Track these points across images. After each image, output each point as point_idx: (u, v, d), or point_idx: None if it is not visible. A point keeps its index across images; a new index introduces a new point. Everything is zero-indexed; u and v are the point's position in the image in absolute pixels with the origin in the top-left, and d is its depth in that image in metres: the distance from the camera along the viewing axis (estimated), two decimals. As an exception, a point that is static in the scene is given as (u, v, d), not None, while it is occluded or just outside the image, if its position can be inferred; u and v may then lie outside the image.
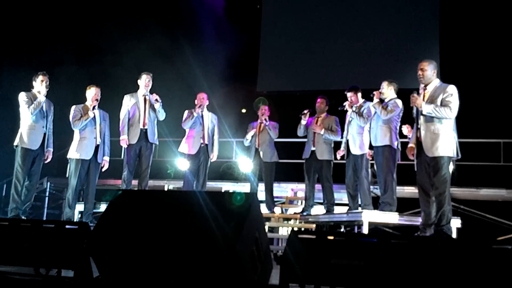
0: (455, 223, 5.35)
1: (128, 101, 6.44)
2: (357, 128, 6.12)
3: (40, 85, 6.05)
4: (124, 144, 6.35)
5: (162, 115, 6.48)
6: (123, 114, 6.43)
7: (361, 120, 6.04)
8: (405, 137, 6.36)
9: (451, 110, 4.49)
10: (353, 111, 6.14)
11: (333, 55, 10.83)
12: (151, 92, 6.46)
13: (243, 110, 6.53)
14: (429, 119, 4.58)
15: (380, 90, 5.90)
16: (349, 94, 6.28)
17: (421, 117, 4.65)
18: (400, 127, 5.98)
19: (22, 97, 6.00)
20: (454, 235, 5.13)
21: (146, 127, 6.38)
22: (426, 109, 4.53)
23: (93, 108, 6.20)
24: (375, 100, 5.80)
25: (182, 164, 6.89)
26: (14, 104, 6.12)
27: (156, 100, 6.35)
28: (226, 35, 10.89)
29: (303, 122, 6.74)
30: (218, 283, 2.53)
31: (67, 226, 2.94)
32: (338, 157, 6.48)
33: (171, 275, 2.61)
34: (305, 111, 6.75)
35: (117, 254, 2.67)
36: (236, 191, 2.70)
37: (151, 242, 2.61)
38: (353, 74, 10.06)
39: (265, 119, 7.05)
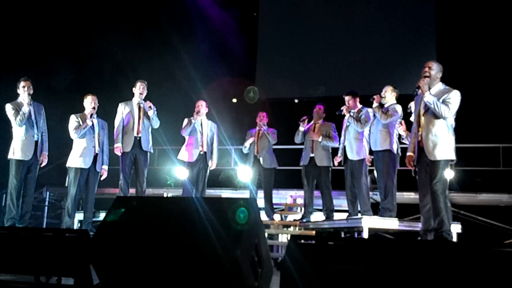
0: (455, 228, 5.34)
1: (122, 109, 6.44)
2: (354, 133, 6.12)
3: (23, 92, 5.99)
4: (118, 152, 6.34)
5: (156, 123, 6.47)
6: (117, 122, 6.42)
7: (358, 125, 6.05)
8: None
9: (449, 110, 4.47)
10: (350, 115, 6.15)
11: (331, 62, 10.88)
12: (147, 100, 6.45)
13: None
14: (430, 121, 4.57)
15: (382, 94, 5.92)
16: (347, 98, 6.29)
17: (423, 119, 4.65)
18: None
19: (8, 109, 5.94)
20: (454, 240, 5.12)
21: (140, 135, 6.36)
22: (428, 97, 4.51)
23: (91, 116, 6.20)
24: (375, 104, 5.81)
25: (181, 173, 6.88)
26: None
27: (150, 107, 6.34)
28: (224, 43, 10.95)
29: (301, 128, 6.76)
30: (218, 289, 2.52)
31: (67, 234, 2.93)
32: (336, 163, 6.48)
33: (171, 282, 2.60)
34: (304, 118, 6.77)
35: (117, 262, 2.66)
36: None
37: (150, 249, 2.60)
38: (350, 81, 10.09)
39: (264, 124, 7.07)
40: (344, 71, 10.65)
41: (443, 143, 4.51)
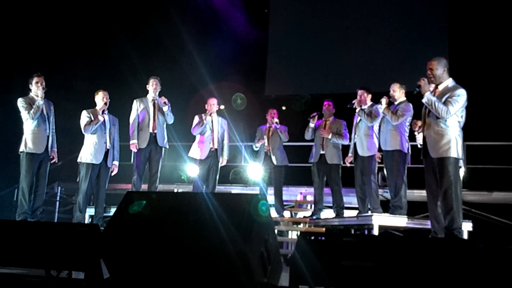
0: (467, 226, 5.30)
1: (137, 106, 6.49)
2: (364, 129, 6.12)
3: (36, 88, 6.01)
4: (134, 149, 6.39)
5: (170, 119, 6.52)
6: (132, 118, 6.47)
7: (368, 119, 6.04)
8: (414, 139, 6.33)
9: (448, 110, 4.40)
10: (361, 109, 6.14)
11: (341, 58, 10.82)
12: (160, 96, 6.50)
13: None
14: (434, 119, 4.53)
15: (391, 93, 5.89)
16: (359, 92, 6.29)
17: (427, 117, 4.62)
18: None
19: (20, 103, 5.97)
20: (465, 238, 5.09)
21: (155, 131, 6.42)
22: (426, 98, 4.49)
23: (103, 112, 6.24)
24: (384, 106, 5.77)
25: (192, 170, 6.91)
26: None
27: (165, 103, 6.38)
28: (234, 40, 10.94)
29: (311, 125, 6.74)
30: (228, 284, 2.53)
31: (77, 228, 2.95)
32: (348, 163, 6.46)
33: (181, 277, 2.61)
34: (314, 114, 6.75)
35: (127, 256, 2.67)
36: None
37: (161, 244, 2.61)
38: (361, 78, 10.03)
39: (276, 123, 7.02)
40: (354, 68, 10.58)
41: (445, 140, 4.46)
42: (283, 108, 10.97)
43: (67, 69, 9.69)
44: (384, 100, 5.80)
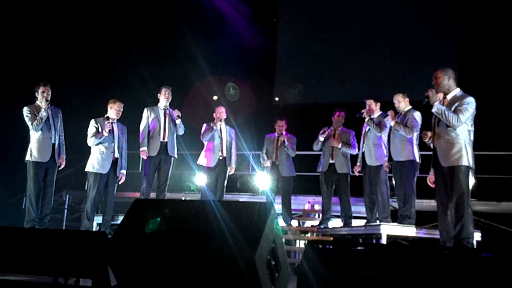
0: (475, 236, 5.25)
1: (148, 114, 6.51)
2: (373, 139, 6.10)
3: (41, 98, 5.99)
4: (144, 156, 6.40)
5: (181, 130, 6.56)
6: (142, 126, 6.49)
7: (377, 129, 6.03)
8: (425, 149, 6.30)
9: (458, 119, 4.41)
10: (370, 118, 6.13)
11: (350, 68, 10.81)
12: (171, 106, 6.53)
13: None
14: (444, 128, 4.53)
15: (396, 104, 5.90)
16: (368, 101, 6.28)
17: (437, 127, 4.61)
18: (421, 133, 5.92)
19: (25, 112, 5.97)
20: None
21: (166, 140, 6.44)
22: (436, 108, 4.49)
23: (110, 123, 6.21)
24: (393, 122, 5.74)
25: (200, 180, 6.91)
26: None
27: (178, 116, 6.42)
28: (243, 49, 10.98)
29: (321, 138, 6.73)
30: (235, 292, 2.52)
31: (85, 236, 2.96)
32: (356, 173, 6.44)
33: (189, 285, 2.61)
34: (324, 129, 6.75)
35: (134, 263, 2.68)
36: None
37: (168, 251, 2.61)
38: (369, 87, 10.01)
39: (284, 141, 7.00)
40: (363, 78, 10.57)
41: (456, 149, 4.45)
42: (293, 114, 10.97)
43: (76, 77, 9.75)
44: (390, 114, 5.80)
